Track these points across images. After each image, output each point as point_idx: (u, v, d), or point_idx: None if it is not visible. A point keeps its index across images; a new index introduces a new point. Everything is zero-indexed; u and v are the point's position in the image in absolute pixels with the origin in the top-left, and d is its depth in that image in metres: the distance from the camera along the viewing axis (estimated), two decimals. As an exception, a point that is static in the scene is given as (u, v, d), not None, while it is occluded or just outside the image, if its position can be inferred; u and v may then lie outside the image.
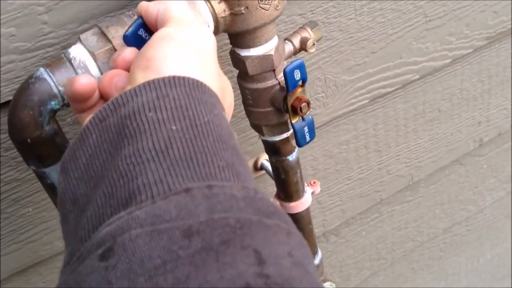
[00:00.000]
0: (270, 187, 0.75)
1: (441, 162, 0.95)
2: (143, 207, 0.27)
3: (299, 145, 0.55)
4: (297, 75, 0.51)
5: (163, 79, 0.31)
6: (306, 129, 0.53)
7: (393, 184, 0.92)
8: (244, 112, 0.58)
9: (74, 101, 0.38)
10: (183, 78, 0.32)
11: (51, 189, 0.45)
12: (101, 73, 0.42)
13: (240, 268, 0.25)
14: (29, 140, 0.42)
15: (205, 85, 0.33)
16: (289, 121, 0.54)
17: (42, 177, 0.44)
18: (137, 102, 0.31)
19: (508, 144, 1.06)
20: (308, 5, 0.65)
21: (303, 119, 0.54)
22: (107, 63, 0.42)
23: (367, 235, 0.96)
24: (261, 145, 0.62)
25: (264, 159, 0.71)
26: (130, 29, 0.40)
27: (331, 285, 0.73)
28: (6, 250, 0.59)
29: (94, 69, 0.42)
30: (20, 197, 0.57)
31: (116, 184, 0.29)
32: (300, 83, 0.52)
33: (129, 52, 0.39)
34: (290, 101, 0.52)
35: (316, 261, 0.72)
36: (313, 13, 0.66)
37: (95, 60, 0.42)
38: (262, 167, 0.72)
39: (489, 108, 0.95)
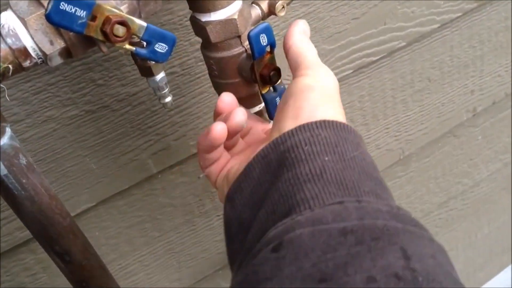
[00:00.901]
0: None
1: (433, 134, 0.91)
2: (303, 214, 0.32)
3: (272, 118, 0.50)
4: (264, 40, 0.46)
5: (315, 122, 0.36)
6: (278, 100, 0.48)
7: (383, 159, 0.87)
8: (211, 87, 0.53)
9: (208, 151, 0.44)
10: (331, 121, 0.37)
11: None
12: (34, 42, 0.37)
13: (390, 260, 0.28)
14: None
15: (350, 127, 0.38)
16: (259, 92, 0.49)
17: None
18: (295, 140, 0.36)
19: (503, 113, 1.01)
20: (280, -33, 0.60)
21: (274, 89, 0.49)
22: (40, 30, 0.37)
23: (358, 214, 0.92)
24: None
25: (241, 137, 0.67)
26: (50, 6, 0.34)
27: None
28: (-38, 244, 0.55)
29: (25, 36, 0.37)
30: (-29, 186, 0.53)
31: (277, 203, 0.35)
32: (268, 49, 0.47)
33: (226, 96, 0.46)
34: (258, 69, 0.47)
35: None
36: (286, -24, 0.61)
37: (27, 27, 0.37)
38: (240, 146, 0.68)
39: (482, 75, 0.90)
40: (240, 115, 0.42)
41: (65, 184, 0.58)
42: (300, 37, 0.43)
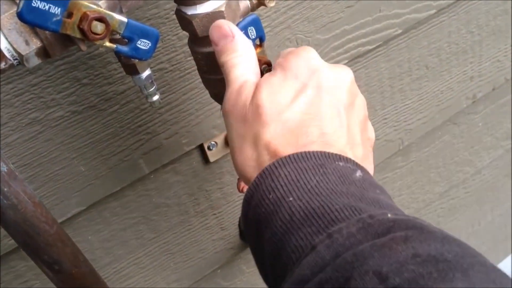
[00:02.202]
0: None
1: (433, 123, 0.89)
2: (288, 280, 0.33)
3: None
4: (252, 33, 0.44)
5: (273, 163, 0.36)
6: None
7: (383, 150, 0.85)
8: (202, 83, 0.51)
9: None
10: (287, 157, 0.36)
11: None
12: (8, 42, 0.35)
13: None
14: None
15: (307, 153, 0.36)
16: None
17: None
18: (259, 192, 0.36)
19: (503, 99, 0.99)
20: (270, -45, 0.57)
21: None
22: (14, 29, 0.35)
23: (358, 206, 0.90)
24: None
25: (235, 133, 0.65)
26: (22, 4, 0.32)
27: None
28: None
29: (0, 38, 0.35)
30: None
31: (270, 267, 0.36)
32: (257, 42, 0.45)
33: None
34: None
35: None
36: (276, -35, 0.58)
37: (0, 27, 0.35)
38: (234, 142, 0.65)
39: (481, 61, 0.88)
40: None
41: (53, 188, 0.56)
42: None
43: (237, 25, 0.43)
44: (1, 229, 0.55)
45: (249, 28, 0.43)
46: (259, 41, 0.45)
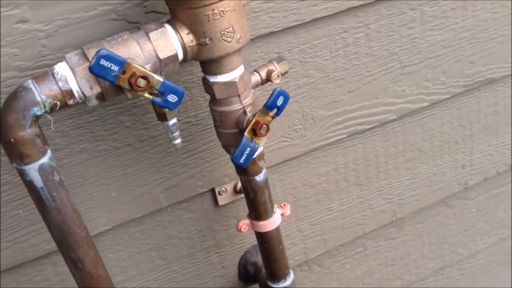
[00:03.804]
0: (247, 210, 0.80)
1: (425, 201, 0.99)
2: None
3: (232, 157, 0.59)
4: (280, 101, 0.58)
5: None
6: (248, 151, 0.59)
7: (376, 219, 0.96)
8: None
9: None
10: None
11: (29, 186, 0.52)
12: (79, 86, 0.50)
13: None
14: (12, 140, 0.49)
15: None
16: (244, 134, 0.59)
17: (22, 174, 0.52)
18: None
19: (497, 190, 1.08)
20: (286, 44, 0.73)
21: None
22: (84, 78, 0.50)
23: (352, 269, 1.00)
24: (233, 167, 0.68)
25: (243, 183, 0.77)
26: (93, 61, 0.47)
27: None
28: (-2, 247, 0.67)
29: (72, 81, 0.50)
30: (12, 199, 0.65)
31: None
32: (275, 111, 0.58)
33: None
34: (258, 116, 0.58)
35: (287, 283, 0.76)
36: (290, 52, 0.73)
37: (74, 75, 0.50)
38: (241, 190, 0.78)
39: (472, 152, 0.99)
40: None
41: (88, 207, 0.70)
42: None
43: (278, 88, 0.57)
44: (39, 235, 0.68)
45: (281, 97, 0.57)
46: (276, 111, 0.58)
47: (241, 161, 0.59)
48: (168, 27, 0.54)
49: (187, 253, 0.81)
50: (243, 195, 0.79)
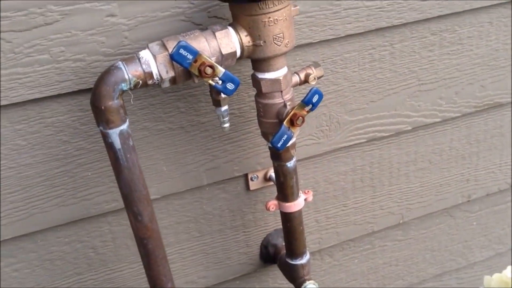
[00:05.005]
0: (275, 194, 0.91)
1: (431, 208, 1.10)
2: None
3: (272, 141, 0.71)
4: (315, 98, 0.70)
5: None
6: (285, 137, 0.71)
7: (384, 219, 1.07)
8: (258, 129, 0.77)
9: None
10: None
11: (109, 146, 0.65)
12: (158, 69, 0.63)
13: None
14: (103, 107, 0.62)
15: None
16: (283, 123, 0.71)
17: (105, 136, 0.64)
18: None
19: (498, 207, 1.19)
20: (321, 55, 0.85)
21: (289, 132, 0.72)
22: (163, 63, 0.63)
23: (359, 264, 1.10)
24: (270, 159, 0.80)
25: (272, 172, 0.89)
26: (174, 50, 0.60)
27: (314, 285, 0.88)
28: (67, 202, 0.79)
29: (153, 65, 0.63)
30: (84, 163, 0.78)
31: None
32: (310, 106, 0.70)
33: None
34: (297, 109, 0.70)
35: (304, 260, 0.87)
36: (323, 62, 0.86)
37: (155, 60, 0.63)
38: (270, 178, 0.90)
39: (477, 169, 1.10)
40: None
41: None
42: None
43: (315, 88, 0.69)
44: (101, 195, 0.80)
45: (316, 95, 0.69)
46: (311, 106, 0.70)
47: (279, 145, 0.71)
48: (230, 29, 0.67)
49: (218, 229, 0.93)
50: (271, 183, 0.91)
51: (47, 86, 0.70)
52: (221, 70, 0.64)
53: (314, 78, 0.75)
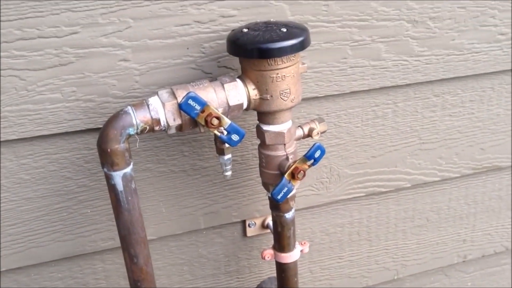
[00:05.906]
0: (271, 241, 0.92)
1: (426, 266, 1.10)
2: None
3: (272, 193, 0.72)
4: (317, 154, 0.71)
5: None
6: (285, 190, 0.72)
7: (379, 274, 1.06)
8: (259, 177, 0.78)
9: None
10: None
11: (112, 188, 0.66)
12: (165, 117, 0.64)
13: None
14: (109, 150, 0.63)
15: None
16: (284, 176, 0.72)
17: (108, 178, 0.65)
18: None
19: (493, 269, 1.18)
20: (325, 109, 0.87)
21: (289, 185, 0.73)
22: (170, 111, 0.64)
23: (351, 318, 1.10)
24: (269, 208, 0.81)
25: (270, 220, 0.90)
26: (183, 100, 0.62)
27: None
28: (63, 238, 0.79)
29: (161, 112, 0.64)
30: (85, 200, 0.78)
31: None
32: (312, 161, 0.72)
33: None
34: (298, 164, 0.71)
35: (295, 313, 0.87)
36: (327, 116, 0.87)
37: (164, 108, 0.64)
38: (268, 226, 0.91)
39: (474, 230, 1.10)
40: None
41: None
42: None
43: (318, 144, 0.70)
44: (98, 233, 0.81)
45: (318, 151, 0.70)
46: (313, 161, 0.72)
47: (279, 197, 0.72)
48: (239, 81, 0.69)
49: (212, 274, 0.92)
50: (268, 231, 0.92)
51: (56, 124, 0.72)
52: (227, 121, 0.65)
53: (318, 133, 0.76)
